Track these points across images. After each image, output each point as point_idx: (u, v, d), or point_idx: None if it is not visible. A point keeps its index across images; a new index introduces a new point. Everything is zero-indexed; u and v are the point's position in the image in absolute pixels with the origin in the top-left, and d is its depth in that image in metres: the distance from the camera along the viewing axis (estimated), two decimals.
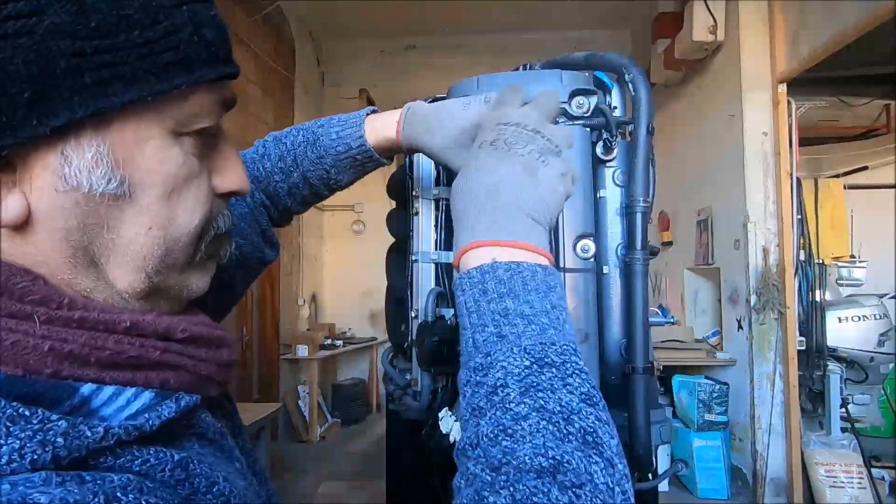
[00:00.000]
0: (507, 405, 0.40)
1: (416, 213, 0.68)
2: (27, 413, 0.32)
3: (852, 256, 4.13)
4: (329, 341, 5.44)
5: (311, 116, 6.71)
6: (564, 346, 0.43)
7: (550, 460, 0.37)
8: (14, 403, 0.32)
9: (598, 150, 0.64)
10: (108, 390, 0.36)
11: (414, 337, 0.65)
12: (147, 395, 0.38)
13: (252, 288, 5.01)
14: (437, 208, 0.68)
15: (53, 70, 0.33)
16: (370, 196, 6.28)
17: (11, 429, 0.31)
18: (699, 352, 3.94)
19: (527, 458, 0.37)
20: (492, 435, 0.40)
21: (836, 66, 3.44)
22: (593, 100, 0.63)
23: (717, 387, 3.68)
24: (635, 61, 0.63)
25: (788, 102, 3.55)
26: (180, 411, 0.38)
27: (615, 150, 0.64)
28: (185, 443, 0.40)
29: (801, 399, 3.55)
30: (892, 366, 3.66)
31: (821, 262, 3.70)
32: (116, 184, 0.37)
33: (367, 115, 0.67)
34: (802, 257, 3.62)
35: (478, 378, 0.42)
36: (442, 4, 5.45)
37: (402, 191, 0.72)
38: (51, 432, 0.32)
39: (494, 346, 0.43)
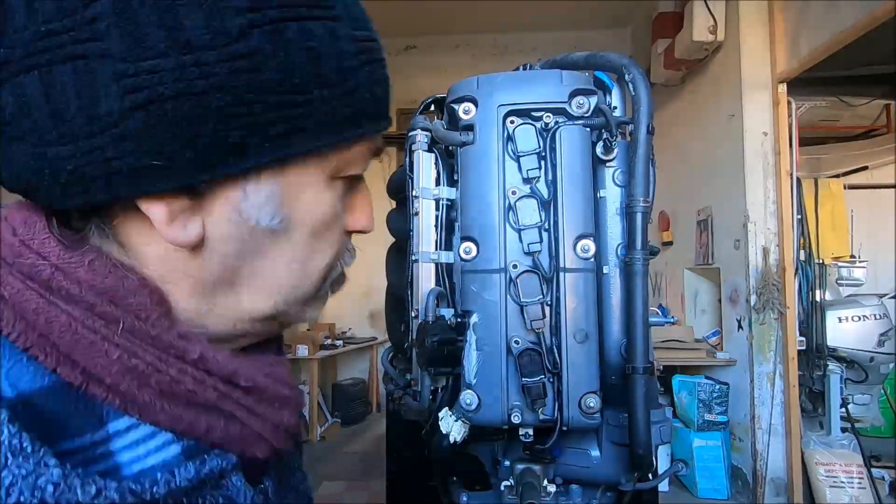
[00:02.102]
0: None
1: (416, 213, 0.68)
2: (29, 449, 0.31)
3: (852, 256, 4.13)
4: (329, 341, 5.44)
5: None
6: None
7: None
8: (24, 434, 0.31)
9: (598, 150, 0.64)
10: (135, 434, 0.36)
11: (414, 337, 0.65)
12: (173, 450, 0.37)
13: None
14: (437, 208, 0.67)
15: (256, 121, 0.36)
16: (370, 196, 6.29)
17: (10, 461, 0.30)
18: (699, 352, 3.94)
19: None
20: None
21: (836, 66, 3.44)
22: (593, 100, 0.63)
23: (717, 387, 3.68)
24: (635, 61, 0.63)
25: (788, 102, 3.55)
26: (199, 478, 0.38)
27: (615, 150, 0.64)
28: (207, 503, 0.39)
29: (801, 399, 3.55)
30: (892, 366, 3.66)
31: (821, 262, 3.70)
32: (278, 221, 0.40)
33: None
34: (802, 257, 3.62)
35: None
36: (442, 4, 5.45)
37: (401, 191, 0.72)
38: (42, 478, 0.31)
39: None
